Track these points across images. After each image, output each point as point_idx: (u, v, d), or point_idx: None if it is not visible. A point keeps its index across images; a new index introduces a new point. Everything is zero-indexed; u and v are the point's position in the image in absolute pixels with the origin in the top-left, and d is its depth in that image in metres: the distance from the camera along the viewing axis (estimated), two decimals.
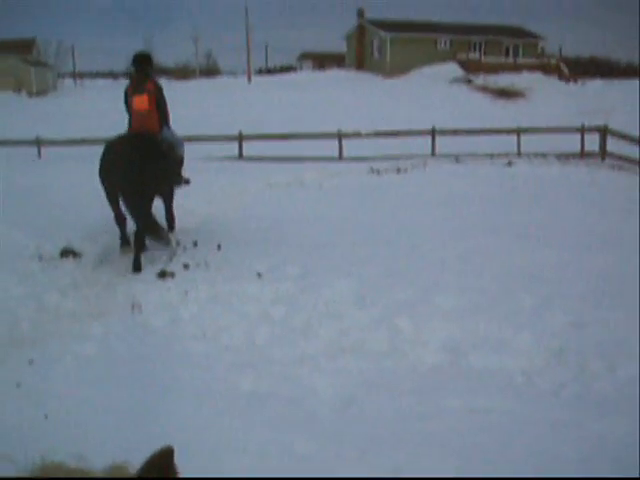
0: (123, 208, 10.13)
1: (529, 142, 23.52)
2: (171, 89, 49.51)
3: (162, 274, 9.13)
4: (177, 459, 1.40)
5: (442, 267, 9.62)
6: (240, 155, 22.02)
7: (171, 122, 11.12)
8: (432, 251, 10.57)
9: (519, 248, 10.87)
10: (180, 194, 11.94)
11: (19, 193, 14.87)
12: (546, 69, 60.95)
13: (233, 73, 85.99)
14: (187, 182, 11.76)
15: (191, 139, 22.91)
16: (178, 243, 10.63)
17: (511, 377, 6.52)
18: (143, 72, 10.71)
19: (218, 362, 6.63)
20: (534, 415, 5.75)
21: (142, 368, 6.39)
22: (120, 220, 10.33)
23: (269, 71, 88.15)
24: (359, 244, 10.86)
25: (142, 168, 9.54)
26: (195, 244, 10.70)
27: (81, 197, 14.38)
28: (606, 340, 7.20)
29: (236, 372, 6.38)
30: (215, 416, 5.56)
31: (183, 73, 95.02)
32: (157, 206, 10.69)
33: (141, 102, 10.42)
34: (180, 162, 11.40)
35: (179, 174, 11.45)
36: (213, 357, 6.76)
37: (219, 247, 10.52)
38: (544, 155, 22.86)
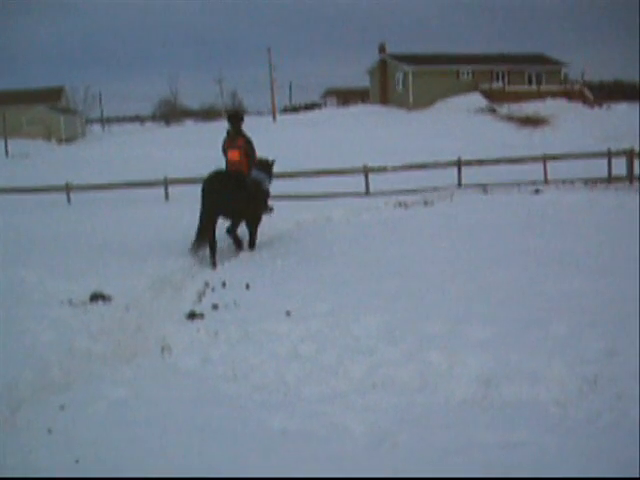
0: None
1: (556, 169, 23.47)
2: (197, 131, 49.95)
3: (191, 315, 9.15)
4: None
5: (471, 298, 9.57)
6: None
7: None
8: (461, 282, 10.51)
9: (549, 276, 10.79)
10: None
11: (49, 238, 15.06)
12: (570, 95, 61.01)
13: (259, 112, 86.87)
14: (271, 210, 14.90)
15: None
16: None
17: (545, 408, 6.42)
18: (235, 128, 14.02)
19: (249, 401, 6.61)
20: (569, 446, 5.65)
21: (173, 410, 6.38)
22: (210, 235, 13.15)
23: (294, 109, 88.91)
24: (387, 278, 10.84)
25: (234, 197, 13.11)
26: (224, 284, 10.75)
27: (109, 241, 14.55)
28: None
29: (267, 411, 6.35)
30: (247, 455, 5.52)
31: (209, 114, 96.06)
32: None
33: (234, 156, 13.69)
34: (266, 194, 14.61)
35: (265, 203, 14.58)
36: (244, 397, 6.73)
37: (247, 286, 10.56)
38: (571, 181, 22.78)
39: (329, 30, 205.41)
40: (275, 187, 21.62)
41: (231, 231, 14.10)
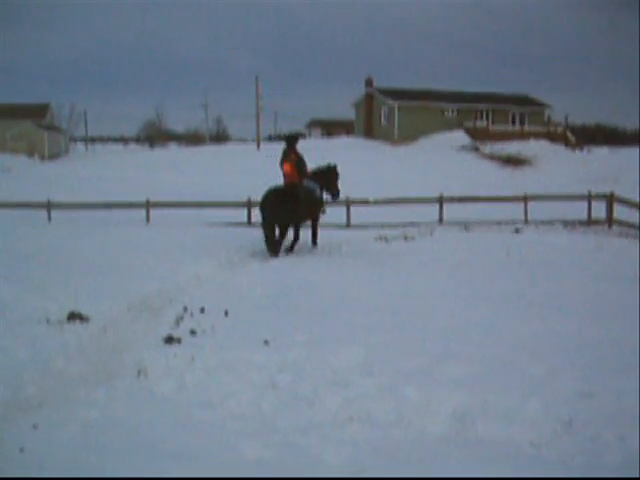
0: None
1: (536, 209, 23.61)
2: (181, 155, 49.84)
3: (169, 340, 9.11)
4: None
5: (449, 336, 9.59)
6: (249, 221, 22.12)
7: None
8: (439, 319, 10.55)
9: (526, 317, 10.85)
10: (187, 259, 11.96)
11: (29, 256, 14.97)
12: (552, 137, 61.55)
13: (243, 140, 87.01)
14: (324, 212, 18.22)
15: (201, 205, 23.19)
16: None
17: (519, 447, 6.44)
18: (290, 147, 17.40)
19: (223, 430, 6.57)
20: None
21: (147, 435, 6.33)
22: (272, 239, 16.67)
23: (279, 138, 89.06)
24: (366, 312, 10.85)
25: (288, 205, 16.62)
26: (202, 310, 10.72)
27: (89, 261, 14.49)
28: (616, 409, 7.13)
29: (242, 440, 6.32)
30: None
31: (193, 139, 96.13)
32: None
33: (287, 167, 17.21)
34: (320, 199, 17.72)
35: (320, 206, 17.82)
36: (219, 424, 6.70)
37: (226, 313, 10.54)
38: (551, 222, 22.93)
39: (316, 61, 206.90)
40: (256, 215, 21.69)
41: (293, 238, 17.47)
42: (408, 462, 6.01)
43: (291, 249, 17.21)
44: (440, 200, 23.48)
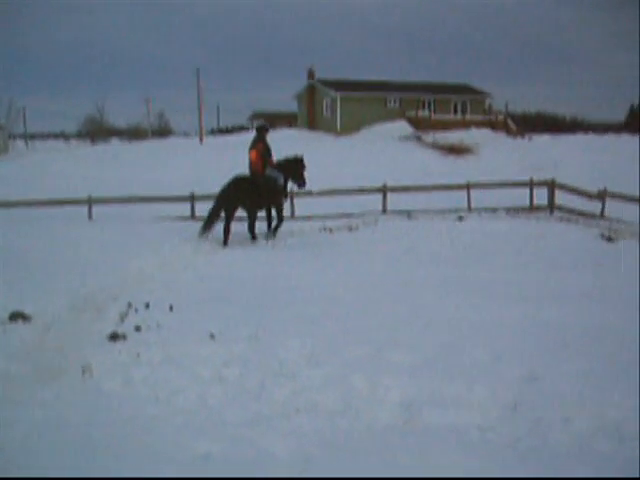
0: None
1: (479, 197, 23.81)
2: (123, 150, 49.31)
3: (113, 336, 9.02)
4: None
5: (395, 324, 9.65)
6: (192, 215, 21.96)
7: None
8: (385, 308, 10.60)
9: (471, 303, 10.95)
10: (131, 254, 11.86)
11: None
12: (494, 125, 62.14)
13: (186, 134, 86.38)
14: (287, 196, 18.93)
15: (143, 200, 22.95)
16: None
17: (466, 433, 6.50)
18: (260, 137, 18.42)
19: (171, 425, 6.53)
20: (490, 471, 5.74)
21: (93, 433, 6.27)
22: (211, 226, 17.92)
23: (221, 131, 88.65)
24: (312, 303, 10.86)
25: (252, 192, 17.73)
26: (147, 306, 10.63)
27: (29, 259, 14.26)
28: (561, 392, 7.25)
29: (189, 435, 6.29)
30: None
31: (135, 134, 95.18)
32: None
33: (252, 155, 18.13)
34: (281, 188, 18.34)
35: (283, 193, 18.47)
36: (165, 420, 6.65)
37: (171, 308, 10.47)
38: (494, 209, 23.15)
39: (258, 54, 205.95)
40: (200, 209, 21.59)
41: (249, 225, 18.05)
42: (356, 452, 6.03)
43: (253, 236, 17.94)
44: (383, 190, 23.56)
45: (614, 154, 46.89)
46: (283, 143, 49.34)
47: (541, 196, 24.15)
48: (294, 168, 18.54)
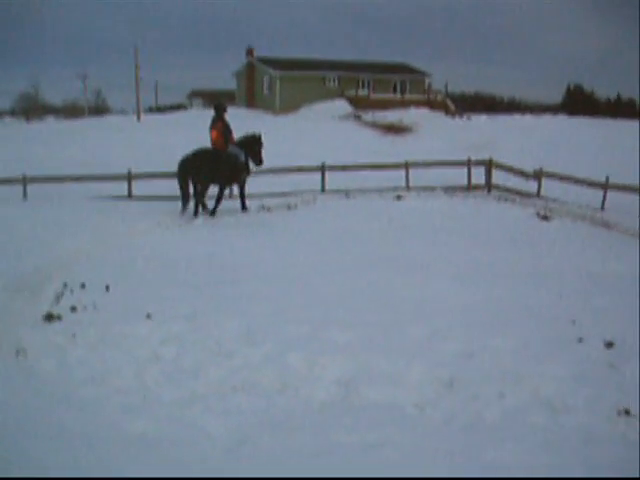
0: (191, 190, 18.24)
1: (417, 176, 23.93)
2: (58, 129, 48.38)
3: (48, 317, 8.92)
4: None
5: (332, 302, 9.70)
6: (129, 194, 21.71)
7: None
8: (322, 287, 10.64)
9: (408, 281, 11.05)
10: (66, 234, 11.70)
11: None
12: (433, 105, 62.41)
13: (124, 112, 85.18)
14: (249, 172, 19.11)
15: (79, 179, 22.60)
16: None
17: (403, 410, 6.59)
18: (218, 115, 18.78)
19: (107, 405, 6.50)
20: (427, 446, 5.82)
21: (29, 415, 6.21)
22: (186, 197, 18.31)
23: (159, 109, 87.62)
24: (250, 282, 10.86)
25: (216, 167, 18.17)
26: (83, 286, 10.51)
27: None
28: (495, 368, 7.38)
29: (126, 415, 6.27)
30: (105, 460, 5.44)
31: (72, 111, 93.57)
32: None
33: (213, 134, 18.68)
34: (243, 165, 18.62)
35: (244, 171, 18.75)
36: (102, 400, 6.62)
37: (107, 288, 10.37)
38: (432, 188, 23.28)
39: (196, 31, 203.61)
40: (137, 187, 21.36)
41: (201, 196, 18.42)
42: (293, 430, 6.08)
43: (212, 212, 18.24)
44: (322, 169, 23.51)
45: (550, 134, 47.55)
46: None
47: (479, 175, 24.37)
48: (252, 146, 18.80)
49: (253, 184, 21.77)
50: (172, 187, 19.34)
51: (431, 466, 5.45)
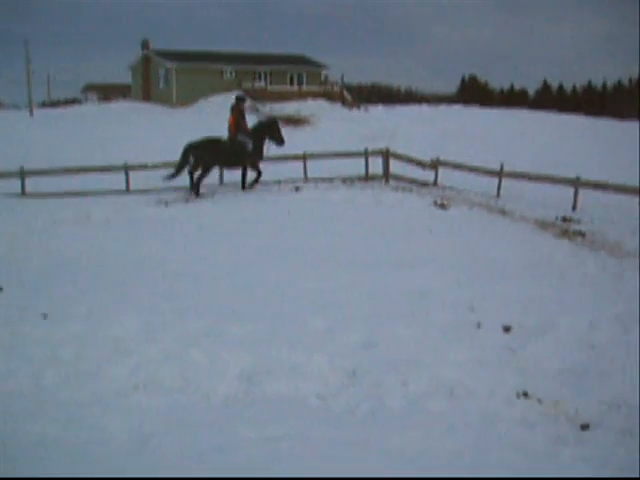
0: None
1: (316, 167, 24.01)
2: None
3: None
4: None
5: (231, 296, 9.68)
6: (23, 192, 21.17)
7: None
8: (221, 280, 10.60)
9: (309, 272, 11.09)
10: None
11: None
12: (330, 96, 62.75)
13: (15, 106, 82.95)
14: (262, 157, 21.52)
15: None
16: None
17: (307, 401, 6.61)
18: (237, 105, 21.65)
19: (3, 409, 6.32)
20: (330, 436, 5.85)
21: None
22: (178, 174, 20.68)
23: (53, 104, 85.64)
24: (147, 278, 10.75)
25: (229, 151, 20.81)
26: None
27: None
28: (398, 357, 7.47)
29: (23, 418, 6.11)
30: (2, 465, 5.29)
31: None
32: None
33: (229, 119, 21.43)
34: (247, 152, 20.97)
35: (247, 157, 21.08)
36: None
37: (0, 288, 10.09)
38: (330, 180, 23.39)
39: (89, 24, 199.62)
40: (30, 184, 20.84)
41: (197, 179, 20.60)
42: (196, 426, 6.04)
43: (250, 185, 21.29)
44: None
45: (447, 124, 48.39)
46: (116, 117, 48.37)
47: (377, 166, 24.58)
48: (271, 129, 21.66)
49: (151, 178, 21.50)
50: (69, 182, 18.99)
51: (335, 457, 5.47)
